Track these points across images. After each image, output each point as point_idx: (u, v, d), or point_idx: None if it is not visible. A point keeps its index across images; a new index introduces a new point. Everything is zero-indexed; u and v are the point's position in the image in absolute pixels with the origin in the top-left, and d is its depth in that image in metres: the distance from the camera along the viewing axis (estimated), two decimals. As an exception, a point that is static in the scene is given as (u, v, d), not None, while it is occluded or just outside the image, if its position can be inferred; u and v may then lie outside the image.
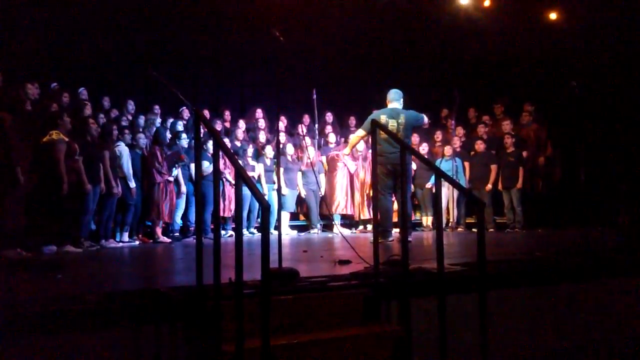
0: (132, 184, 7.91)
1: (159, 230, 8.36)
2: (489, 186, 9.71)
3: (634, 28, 9.96)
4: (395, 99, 7.22)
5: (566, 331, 4.20)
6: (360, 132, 7.46)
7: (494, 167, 9.75)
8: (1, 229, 5.99)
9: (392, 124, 6.95)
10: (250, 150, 9.67)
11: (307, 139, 10.04)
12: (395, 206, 7.60)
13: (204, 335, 3.09)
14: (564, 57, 10.79)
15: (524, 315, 4.10)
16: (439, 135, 10.68)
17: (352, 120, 11.33)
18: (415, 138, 10.12)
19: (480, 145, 9.96)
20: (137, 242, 8.10)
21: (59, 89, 8.76)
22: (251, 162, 9.58)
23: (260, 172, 9.60)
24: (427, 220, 10.32)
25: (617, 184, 9.92)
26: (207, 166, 8.21)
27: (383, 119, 6.98)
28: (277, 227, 6.41)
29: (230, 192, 9.19)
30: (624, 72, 10.08)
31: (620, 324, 4.39)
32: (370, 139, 5.50)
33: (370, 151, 8.66)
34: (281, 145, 9.40)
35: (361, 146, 10.18)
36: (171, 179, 8.50)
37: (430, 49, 12.03)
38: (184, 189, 8.68)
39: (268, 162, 9.72)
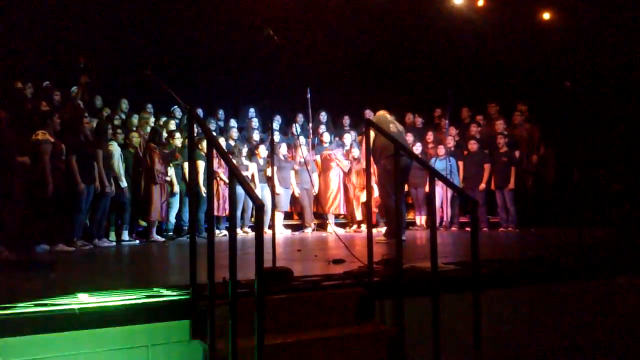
0: (123, 184, 7.87)
1: (152, 230, 8.34)
2: (483, 185, 9.73)
3: (628, 27, 10.00)
4: (386, 112, 7.25)
5: (560, 331, 4.21)
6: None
7: (487, 167, 9.77)
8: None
9: (399, 126, 7.09)
10: (243, 150, 9.66)
11: (301, 138, 10.03)
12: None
13: (198, 334, 3.08)
14: (558, 56, 10.82)
15: (517, 314, 4.11)
16: (430, 136, 10.68)
17: (346, 120, 11.33)
18: (409, 137, 10.15)
19: (473, 145, 9.97)
20: (137, 241, 8.07)
21: (50, 87, 8.72)
22: (244, 161, 9.56)
23: (254, 172, 9.58)
24: (421, 219, 10.33)
25: (611, 183, 9.96)
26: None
27: (389, 118, 7.04)
28: (271, 227, 6.39)
29: (224, 191, 9.17)
30: (619, 71, 10.12)
31: (615, 323, 4.40)
32: (364, 140, 5.51)
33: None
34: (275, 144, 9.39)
35: (357, 152, 10.21)
36: (168, 178, 8.48)
37: (424, 48, 12.04)
38: (176, 188, 8.64)
39: (261, 161, 9.70)
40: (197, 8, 10.52)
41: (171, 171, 8.57)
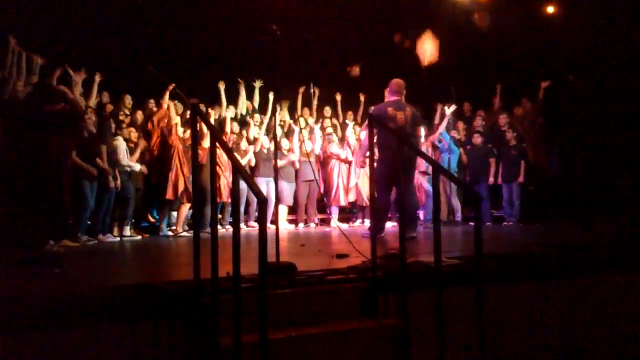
0: (137, 167, 7.95)
1: (163, 222, 8.45)
2: (492, 179, 9.70)
3: (632, 22, 9.95)
4: (398, 92, 6.89)
5: (565, 326, 4.19)
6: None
7: (492, 161, 9.74)
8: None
9: (400, 116, 6.64)
10: (245, 144, 9.64)
11: (305, 132, 10.02)
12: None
13: (201, 329, 3.09)
14: (561, 51, 10.77)
15: (522, 309, 4.10)
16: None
17: (350, 115, 11.32)
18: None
19: (477, 139, 9.95)
20: (139, 237, 8.09)
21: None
22: (247, 155, 9.55)
23: (258, 166, 9.60)
24: (424, 213, 10.30)
25: (616, 178, 9.92)
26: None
27: (390, 111, 6.66)
28: (275, 221, 6.40)
29: (228, 179, 9.18)
30: (623, 65, 10.07)
31: (620, 321, 4.38)
32: (367, 134, 5.47)
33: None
34: (277, 139, 9.39)
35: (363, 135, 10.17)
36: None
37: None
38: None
39: (264, 155, 9.70)
40: (200, 3, 10.50)
41: None
